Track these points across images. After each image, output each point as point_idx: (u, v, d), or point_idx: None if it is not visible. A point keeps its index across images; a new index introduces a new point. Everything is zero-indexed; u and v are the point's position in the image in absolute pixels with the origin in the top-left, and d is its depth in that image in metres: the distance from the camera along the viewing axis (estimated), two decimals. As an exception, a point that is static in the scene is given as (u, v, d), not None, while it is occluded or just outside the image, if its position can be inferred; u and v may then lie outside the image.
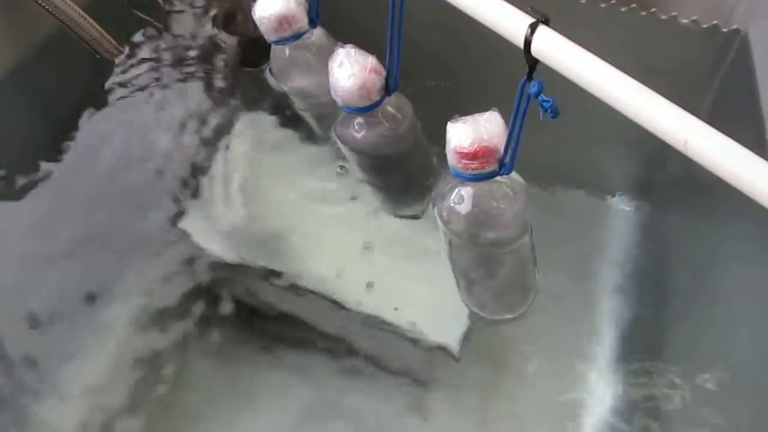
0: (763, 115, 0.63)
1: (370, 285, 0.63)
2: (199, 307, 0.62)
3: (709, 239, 0.62)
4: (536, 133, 0.42)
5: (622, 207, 0.68)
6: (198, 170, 0.71)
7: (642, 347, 0.58)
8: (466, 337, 0.59)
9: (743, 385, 0.51)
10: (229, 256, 0.65)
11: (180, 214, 0.68)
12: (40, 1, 0.67)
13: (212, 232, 0.67)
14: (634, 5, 0.77)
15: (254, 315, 0.62)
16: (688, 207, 0.66)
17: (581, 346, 0.59)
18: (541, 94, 0.39)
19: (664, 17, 0.76)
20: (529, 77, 0.39)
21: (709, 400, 0.52)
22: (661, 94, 0.35)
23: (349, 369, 0.59)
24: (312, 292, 0.63)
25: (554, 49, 0.37)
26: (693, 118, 0.33)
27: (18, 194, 0.67)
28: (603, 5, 0.77)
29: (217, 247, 0.66)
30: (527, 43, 0.38)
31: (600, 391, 0.56)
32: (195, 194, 0.69)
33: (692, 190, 0.65)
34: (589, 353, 0.58)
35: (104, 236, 0.66)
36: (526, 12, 0.39)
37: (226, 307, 0.62)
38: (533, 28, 0.37)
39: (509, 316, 0.59)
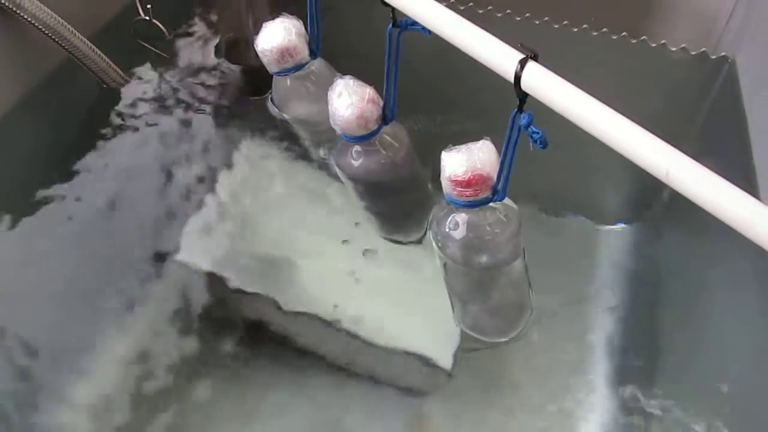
0: (750, 139, 0.64)
1: (368, 307, 0.64)
2: (201, 330, 0.63)
3: (702, 260, 0.63)
4: (531, 158, 0.43)
5: (615, 228, 0.69)
6: (200, 196, 0.72)
7: (635, 366, 0.59)
8: (463, 356, 0.60)
9: (737, 405, 0.52)
10: (231, 280, 0.66)
11: (182, 239, 0.69)
12: (48, 32, 0.69)
13: (213, 256, 0.68)
14: (624, 33, 0.79)
15: (255, 337, 0.63)
16: (680, 228, 0.67)
17: (576, 365, 0.59)
18: (531, 126, 0.41)
19: (653, 45, 0.78)
20: (520, 110, 0.41)
21: (703, 419, 0.53)
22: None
23: (350, 387, 0.60)
24: (311, 314, 0.64)
25: (542, 83, 0.38)
26: (674, 150, 0.34)
27: (24, 222, 0.68)
28: (595, 33, 0.79)
29: (218, 271, 0.66)
30: (517, 77, 0.39)
31: (594, 409, 0.57)
32: (197, 219, 0.70)
33: (685, 212, 0.66)
34: (584, 372, 0.59)
35: (107, 261, 0.67)
36: (516, 48, 0.40)
37: (228, 330, 0.63)
38: (523, 64, 0.39)
39: (504, 339, 0.60)
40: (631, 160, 0.35)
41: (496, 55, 0.41)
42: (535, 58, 0.39)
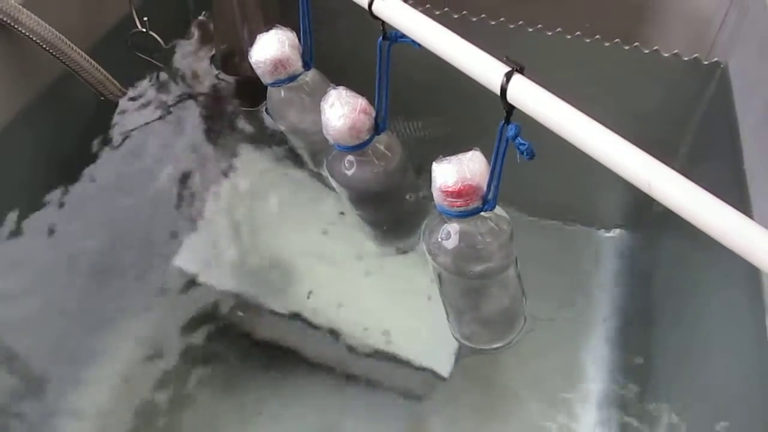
0: (742, 144, 0.65)
1: (365, 313, 0.65)
2: (200, 337, 0.63)
3: (696, 265, 0.63)
4: (523, 166, 0.43)
5: (609, 235, 0.70)
6: (196, 206, 0.73)
7: (630, 372, 0.59)
8: (459, 363, 0.61)
9: (732, 409, 0.52)
10: (229, 288, 0.67)
11: (180, 249, 0.69)
12: (45, 46, 0.69)
13: (212, 265, 0.68)
14: (617, 40, 0.79)
15: (255, 344, 0.63)
16: (675, 234, 0.67)
17: (570, 371, 0.60)
18: (518, 138, 0.41)
19: (646, 51, 0.79)
20: (507, 121, 0.42)
21: (699, 424, 0.53)
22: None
23: (348, 394, 0.60)
24: (308, 320, 0.64)
25: (527, 96, 0.39)
26: (656, 162, 0.35)
27: (22, 235, 0.69)
28: (588, 40, 0.80)
29: (216, 279, 0.67)
30: (503, 90, 0.40)
31: (588, 415, 0.57)
32: (194, 229, 0.71)
33: (678, 218, 0.66)
34: (578, 378, 0.59)
35: (105, 272, 0.68)
36: (502, 61, 0.41)
37: (228, 337, 0.63)
38: (509, 76, 0.39)
39: (499, 345, 0.60)
40: (615, 171, 0.36)
41: (483, 68, 0.41)
42: (521, 71, 0.40)
